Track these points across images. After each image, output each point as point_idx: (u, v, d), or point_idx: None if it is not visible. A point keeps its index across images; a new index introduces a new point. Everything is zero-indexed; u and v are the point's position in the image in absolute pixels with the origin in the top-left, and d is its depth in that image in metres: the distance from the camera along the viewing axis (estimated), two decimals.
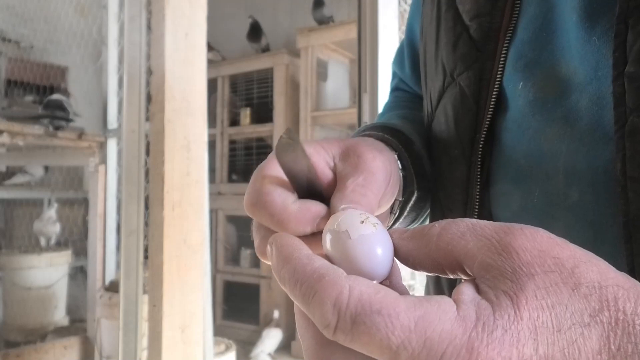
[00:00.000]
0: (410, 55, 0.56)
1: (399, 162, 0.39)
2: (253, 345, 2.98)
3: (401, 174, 0.39)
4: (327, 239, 0.26)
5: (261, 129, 3.60)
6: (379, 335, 0.19)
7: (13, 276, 2.90)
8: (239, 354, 2.50)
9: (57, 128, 2.48)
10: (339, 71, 3.38)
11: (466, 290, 0.20)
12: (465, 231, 0.22)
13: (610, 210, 0.31)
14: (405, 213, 0.42)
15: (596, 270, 0.20)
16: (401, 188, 0.39)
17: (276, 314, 3.14)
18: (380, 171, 0.32)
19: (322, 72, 3.31)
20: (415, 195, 0.41)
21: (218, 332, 2.55)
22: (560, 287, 0.20)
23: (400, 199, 0.39)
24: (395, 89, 0.62)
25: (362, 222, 0.25)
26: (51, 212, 3.16)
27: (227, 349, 2.19)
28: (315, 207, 0.28)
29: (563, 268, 0.20)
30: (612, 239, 0.30)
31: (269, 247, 0.26)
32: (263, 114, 3.59)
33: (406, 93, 0.60)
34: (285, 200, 0.28)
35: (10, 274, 2.91)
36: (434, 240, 0.23)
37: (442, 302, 0.20)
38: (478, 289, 0.21)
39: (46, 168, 3.41)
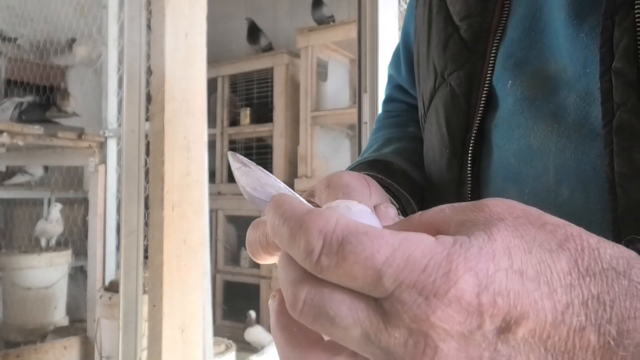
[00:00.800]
0: (406, 58, 0.56)
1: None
2: (253, 345, 2.98)
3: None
4: None
5: (261, 129, 3.59)
6: (364, 254, 0.19)
7: (13, 276, 2.90)
8: (239, 354, 2.49)
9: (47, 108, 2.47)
10: (339, 71, 3.38)
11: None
12: (445, 207, 0.24)
13: (599, 207, 0.31)
14: None
15: (560, 220, 0.22)
16: (391, 198, 0.39)
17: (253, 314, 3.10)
18: (353, 181, 0.32)
19: (322, 72, 3.31)
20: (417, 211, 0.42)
21: (218, 332, 2.55)
22: (527, 226, 0.21)
23: (397, 206, 0.39)
24: (388, 100, 0.62)
25: (360, 202, 0.26)
26: (56, 212, 3.15)
27: (227, 349, 2.19)
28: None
29: (530, 215, 0.22)
30: (602, 236, 0.31)
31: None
32: (263, 114, 3.59)
33: (398, 104, 0.60)
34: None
35: (10, 274, 2.91)
36: (416, 219, 0.24)
37: (421, 233, 0.21)
38: None
39: (46, 168, 3.41)
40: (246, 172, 0.29)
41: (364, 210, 0.25)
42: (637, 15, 0.28)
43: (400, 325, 0.19)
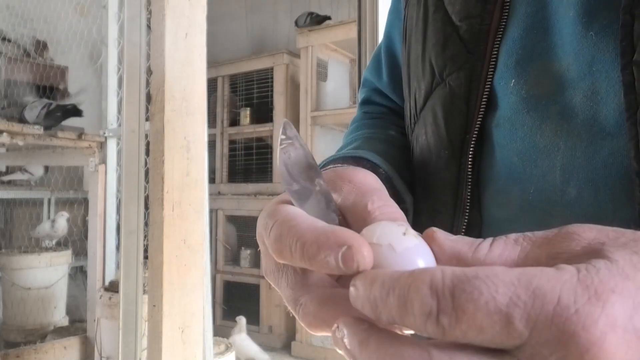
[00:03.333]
0: (388, 62, 0.55)
1: None
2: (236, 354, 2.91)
3: None
4: None
5: (261, 129, 3.59)
6: (482, 299, 0.17)
7: (13, 276, 2.90)
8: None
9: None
10: (339, 71, 3.38)
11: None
12: (519, 238, 0.21)
13: (610, 206, 0.31)
14: None
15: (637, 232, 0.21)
16: None
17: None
18: (379, 185, 0.30)
19: (322, 72, 3.31)
20: None
21: (218, 332, 2.55)
22: (634, 242, 0.19)
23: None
24: (365, 102, 0.60)
25: (404, 234, 0.23)
26: (63, 222, 3.14)
27: (227, 349, 2.19)
28: (345, 232, 0.22)
29: (622, 234, 0.20)
30: None
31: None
32: (263, 114, 3.59)
33: (377, 107, 0.59)
34: (313, 222, 0.24)
35: (10, 274, 2.91)
36: (487, 254, 0.21)
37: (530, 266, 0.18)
38: None
39: (46, 168, 3.41)
40: (288, 148, 0.26)
41: (411, 247, 0.22)
42: None
43: None
